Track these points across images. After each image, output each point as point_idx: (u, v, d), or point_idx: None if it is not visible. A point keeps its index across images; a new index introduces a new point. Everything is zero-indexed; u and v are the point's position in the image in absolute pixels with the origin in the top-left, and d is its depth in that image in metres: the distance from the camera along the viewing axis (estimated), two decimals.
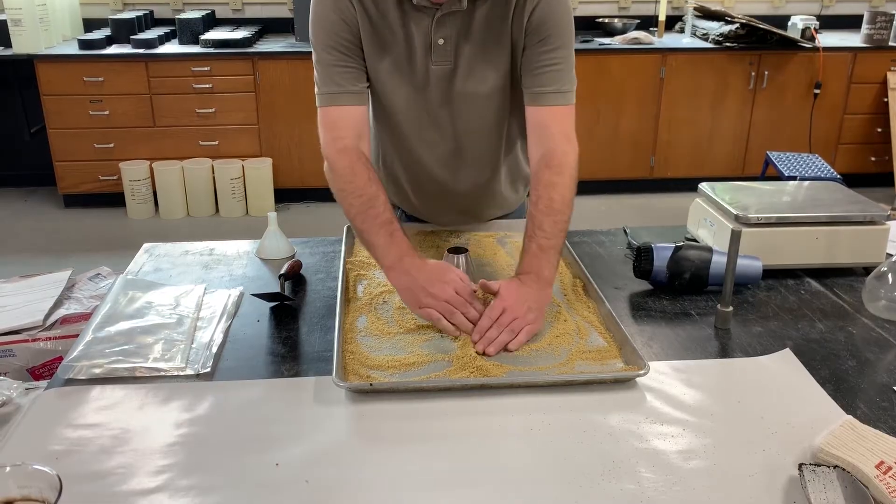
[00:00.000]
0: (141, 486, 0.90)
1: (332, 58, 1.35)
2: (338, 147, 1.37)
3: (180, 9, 4.66)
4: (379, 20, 1.34)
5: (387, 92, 1.42)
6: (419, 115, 1.43)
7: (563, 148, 1.36)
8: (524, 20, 1.34)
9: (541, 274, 1.26)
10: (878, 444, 0.91)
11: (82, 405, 1.06)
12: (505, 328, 1.19)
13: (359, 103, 1.38)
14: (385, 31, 1.35)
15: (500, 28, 1.35)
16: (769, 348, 1.21)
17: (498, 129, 1.48)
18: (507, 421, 1.02)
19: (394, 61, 1.38)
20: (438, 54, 1.35)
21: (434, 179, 1.52)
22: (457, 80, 1.38)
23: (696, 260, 1.38)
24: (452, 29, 1.34)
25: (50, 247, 3.91)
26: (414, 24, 1.34)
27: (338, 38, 1.34)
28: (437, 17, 1.32)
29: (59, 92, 4.09)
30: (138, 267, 1.51)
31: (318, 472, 0.92)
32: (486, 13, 1.34)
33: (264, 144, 4.31)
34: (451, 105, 1.42)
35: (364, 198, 1.31)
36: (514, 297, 1.22)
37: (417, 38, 1.35)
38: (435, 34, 1.34)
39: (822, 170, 3.69)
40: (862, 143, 4.60)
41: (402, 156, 1.52)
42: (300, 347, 1.21)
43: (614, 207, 4.50)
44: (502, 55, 1.38)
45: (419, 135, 1.46)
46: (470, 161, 1.50)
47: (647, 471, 0.93)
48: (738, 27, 4.31)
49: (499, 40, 1.37)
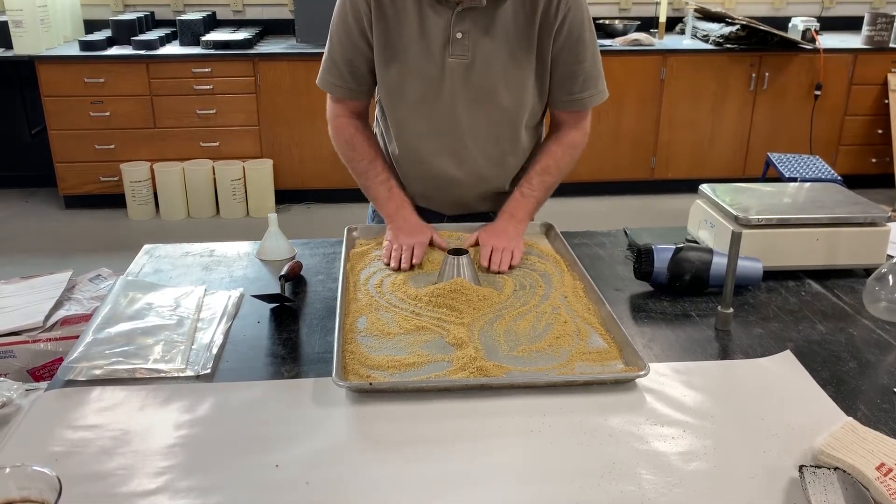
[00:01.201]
0: (141, 487, 0.90)
1: (342, 56, 1.48)
2: (339, 123, 1.57)
3: (181, 10, 4.67)
4: (394, 16, 1.40)
5: (399, 86, 1.47)
6: (430, 109, 1.46)
7: (579, 136, 1.58)
8: (553, 28, 1.42)
9: (515, 214, 1.53)
10: (879, 445, 0.91)
11: (82, 406, 1.06)
12: (501, 251, 1.44)
13: (359, 98, 1.55)
14: (401, 26, 1.40)
15: (526, 31, 1.42)
16: (770, 350, 1.21)
17: (510, 127, 1.51)
18: (507, 422, 1.02)
19: (408, 56, 1.43)
20: (456, 47, 1.40)
21: (438, 171, 1.56)
22: (473, 74, 1.43)
23: (697, 261, 1.38)
24: (472, 24, 1.39)
25: (50, 248, 3.91)
26: (433, 18, 1.39)
27: (352, 39, 1.45)
28: (457, 11, 1.37)
29: (59, 93, 4.10)
30: (139, 268, 1.51)
31: (319, 473, 0.92)
32: (510, 13, 1.40)
33: (265, 145, 4.31)
34: (464, 99, 1.44)
35: (365, 161, 1.56)
36: (495, 234, 1.48)
37: (435, 32, 1.39)
38: (454, 28, 1.38)
39: (822, 171, 3.69)
40: (862, 144, 4.60)
41: (408, 146, 1.56)
42: (300, 349, 1.21)
43: (615, 209, 4.50)
44: (525, 56, 1.44)
45: (428, 127, 1.49)
46: (477, 156, 1.52)
47: (648, 472, 0.92)
48: (739, 29, 4.31)
49: (522, 41, 1.42)
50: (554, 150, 1.56)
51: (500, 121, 1.50)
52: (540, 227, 1.64)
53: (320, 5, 1.39)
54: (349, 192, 1.62)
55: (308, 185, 4.41)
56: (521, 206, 1.54)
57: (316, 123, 4.18)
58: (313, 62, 1.53)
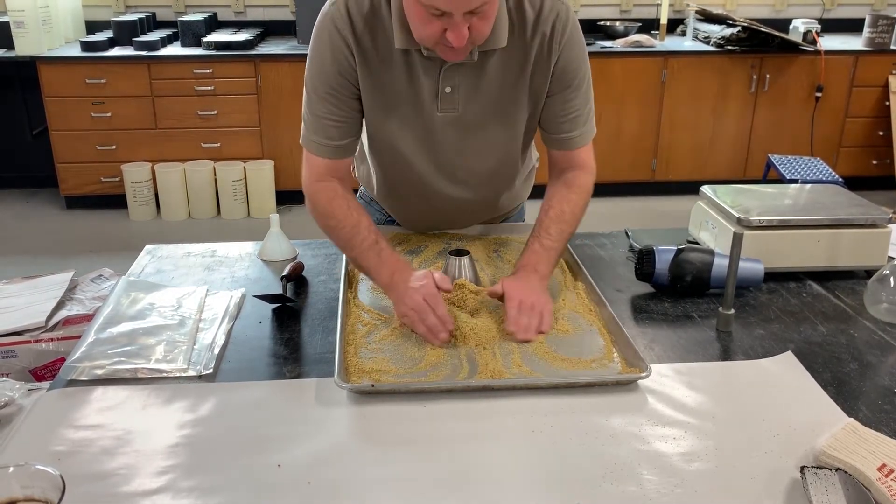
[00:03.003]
0: (143, 486, 0.90)
1: (324, 109, 1.34)
2: (316, 189, 1.38)
3: (182, 11, 4.67)
4: (381, 69, 1.32)
5: (391, 138, 1.40)
6: (424, 159, 1.41)
7: (585, 176, 1.45)
8: (549, 71, 1.34)
9: (538, 268, 1.33)
10: (880, 446, 0.91)
11: (85, 406, 1.06)
12: (529, 312, 1.24)
13: (344, 156, 1.39)
14: (388, 79, 1.32)
15: (517, 80, 1.35)
16: (771, 351, 1.21)
17: (506, 169, 1.49)
18: (509, 422, 1.02)
19: (398, 110, 1.36)
20: (445, 102, 1.34)
21: (436, 205, 1.52)
22: (463, 127, 1.38)
23: (698, 262, 1.38)
24: (461, 78, 1.32)
25: (52, 248, 3.91)
26: (422, 73, 1.31)
27: (332, 90, 1.33)
28: (445, 67, 1.30)
29: (61, 94, 4.10)
30: (140, 268, 1.52)
31: (320, 473, 0.92)
32: (500, 64, 1.32)
33: (266, 146, 4.31)
34: (458, 150, 1.41)
35: (347, 228, 1.34)
36: (521, 288, 1.27)
37: (425, 86, 1.32)
38: (442, 83, 1.32)
39: (823, 173, 3.69)
40: (863, 146, 4.60)
41: (402, 185, 1.51)
42: (302, 349, 1.22)
43: (616, 210, 4.50)
44: (516, 105, 1.37)
45: (423, 172, 1.44)
46: (475, 191, 1.50)
47: (649, 473, 0.93)
48: (740, 30, 4.31)
49: (513, 91, 1.36)
50: (567, 195, 1.42)
51: (497, 166, 1.47)
52: None
53: (322, 6, 1.35)
54: None
55: None
56: (542, 260, 1.34)
57: None
58: None
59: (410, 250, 1.53)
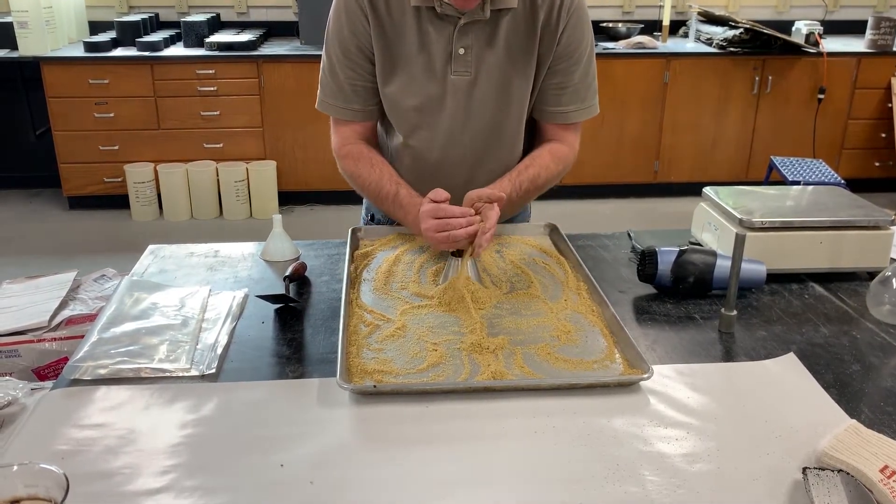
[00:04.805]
0: (146, 486, 0.91)
1: (344, 75, 1.41)
2: (344, 152, 1.50)
3: (185, 12, 4.68)
4: (393, 31, 1.34)
5: (399, 101, 1.42)
6: (430, 122, 1.43)
7: (569, 153, 1.51)
8: (554, 41, 1.37)
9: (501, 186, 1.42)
10: (883, 448, 0.91)
11: (88, 405, 1.06)
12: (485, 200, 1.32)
13: (367, 119, 1.48)
14: (401, 41, 1.34)
15: (527, 42, 1.37)
16: (773, 352, 1.21)
17: (512, 136, 1.50)
18: (511, 423, 1.02)
19: (409, 72, 1.37)
20: (459, 64, 1.35)
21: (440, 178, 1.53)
22: (476, 90, 1.39)
23: (701, 264, 1.38)
24: (475, 39, 1.33)
25: (55, 248, 3.92)
26: (434, 34, 1.33)
27: (351, 56, 1.39)
28: (459, 26, 1.32)
29: (64, 94, 4.11)
30: (143, 268, 1.52)
31: (323, 473, 0.93)
32: (512, 25, 1.34)
33: (268, 147, 4.32)
34: (465, 114, 1.42)
35: (371, 186, 1.48)
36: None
37: (437, 48, 1.34)
38: (456, 44, 1.33)
39: (825, 174, 3.69)
40: (866, 148, 4.60)
41: (409, 156, 1.54)
42: (305, 349, 1.22)
43: (618, 211, 4.50)
44: (527, 66, 1.39)
45: (429, 141, 1.46)
46: (479, 163, 1.51)
47: (651, 474, 0.93)
48: (742, 32, 4.31)
49: (525, 52, 1.37)
50: (548, 164, 1.49)
51: (504, 132, 1.49)
52: (544, 229, 1.64)
53: (324, 7, 1.37)
54: (352, 193, 1.61)
55: (311, 187, 4.41)
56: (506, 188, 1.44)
57: (320, 125, 4.17)
58: (317, 64, 1.51)
59: (412, 250, 1.53)
